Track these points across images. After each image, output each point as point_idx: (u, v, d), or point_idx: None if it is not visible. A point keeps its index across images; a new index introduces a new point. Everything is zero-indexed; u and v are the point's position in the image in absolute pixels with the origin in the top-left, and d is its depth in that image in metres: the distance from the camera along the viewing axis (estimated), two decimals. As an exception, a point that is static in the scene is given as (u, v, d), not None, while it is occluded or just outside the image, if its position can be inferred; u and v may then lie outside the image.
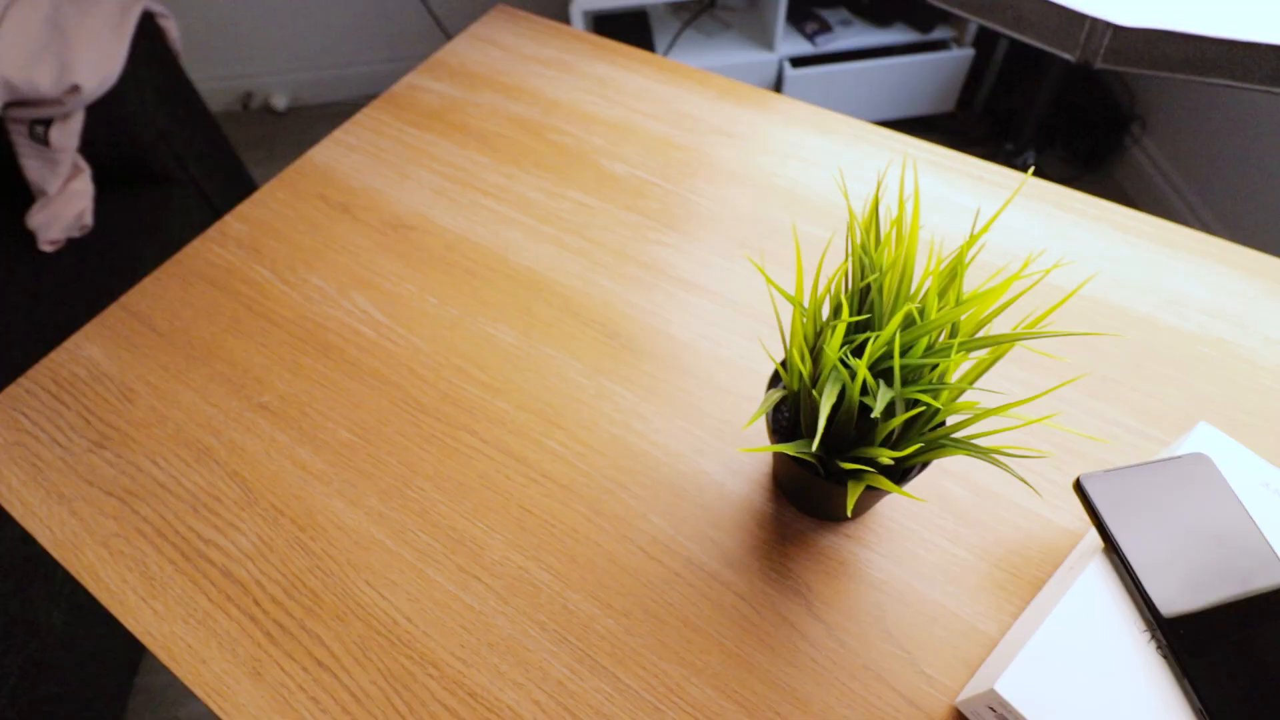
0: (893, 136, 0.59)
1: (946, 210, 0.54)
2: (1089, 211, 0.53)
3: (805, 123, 0.61)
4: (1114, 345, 0.46)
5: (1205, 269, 0.50)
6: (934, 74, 1.75)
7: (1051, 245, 0.52)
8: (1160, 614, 0.31)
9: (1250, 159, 1.43)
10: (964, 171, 0.56)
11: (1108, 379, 0.45)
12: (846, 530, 0.40)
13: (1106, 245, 0.51)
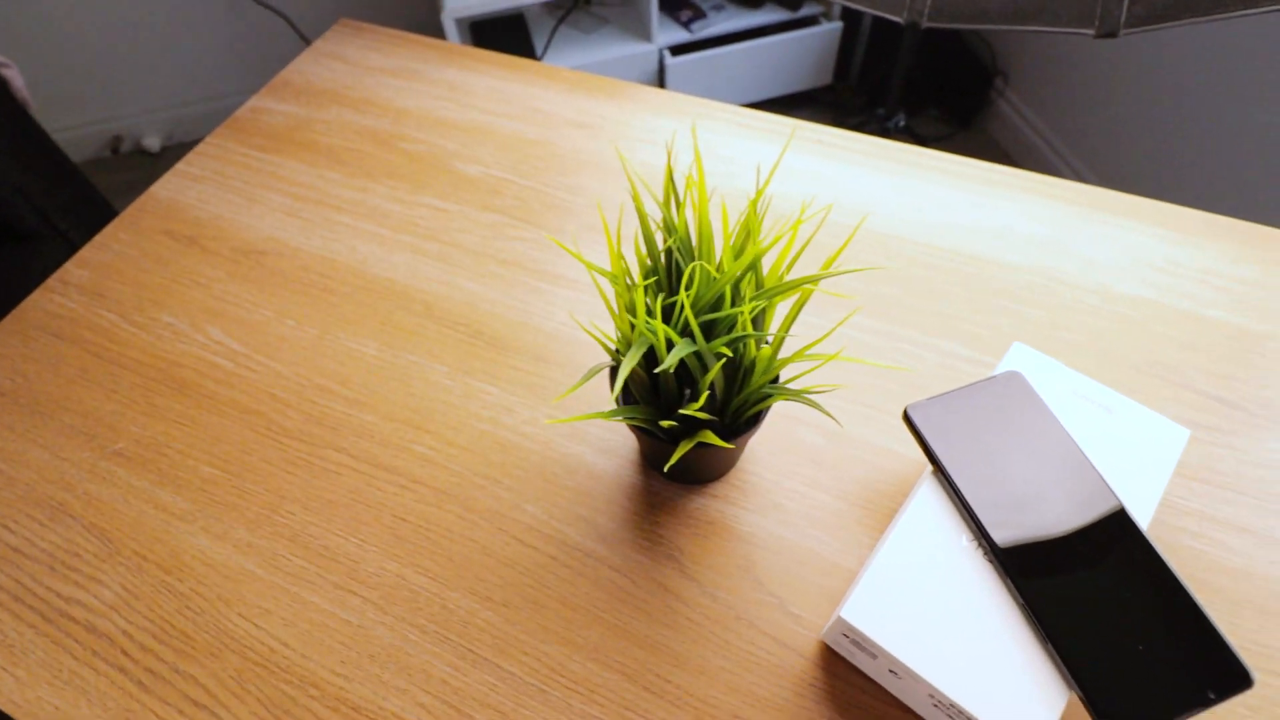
0: (738, 112, 0.61)
1: (788, 177, 0.56)
2: (921, 163, 0.56)
3: (652, 107, 0.62)
4: (950, 283, 0.49)
5: (1029, 204, 0.53)
6: (807, 49, 1.81)
7: (885, 198, 0.54)
8: (982, 523, 0.33)
9: (1109, 102, 1.54)
10: (808, 139, 0.59)
11: (944, 314, 0.48)
12: (713, 491, 0.42)
13: (938, 192, 0.54)
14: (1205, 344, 0.45)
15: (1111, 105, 1.51)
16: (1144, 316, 0.47)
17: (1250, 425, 0.42)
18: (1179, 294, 0.48)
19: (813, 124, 0.60)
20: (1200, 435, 0.42)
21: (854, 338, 0.47)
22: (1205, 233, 0.51)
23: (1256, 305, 0.47)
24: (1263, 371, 0.44)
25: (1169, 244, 0.50)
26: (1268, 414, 0.42)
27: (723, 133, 0.60)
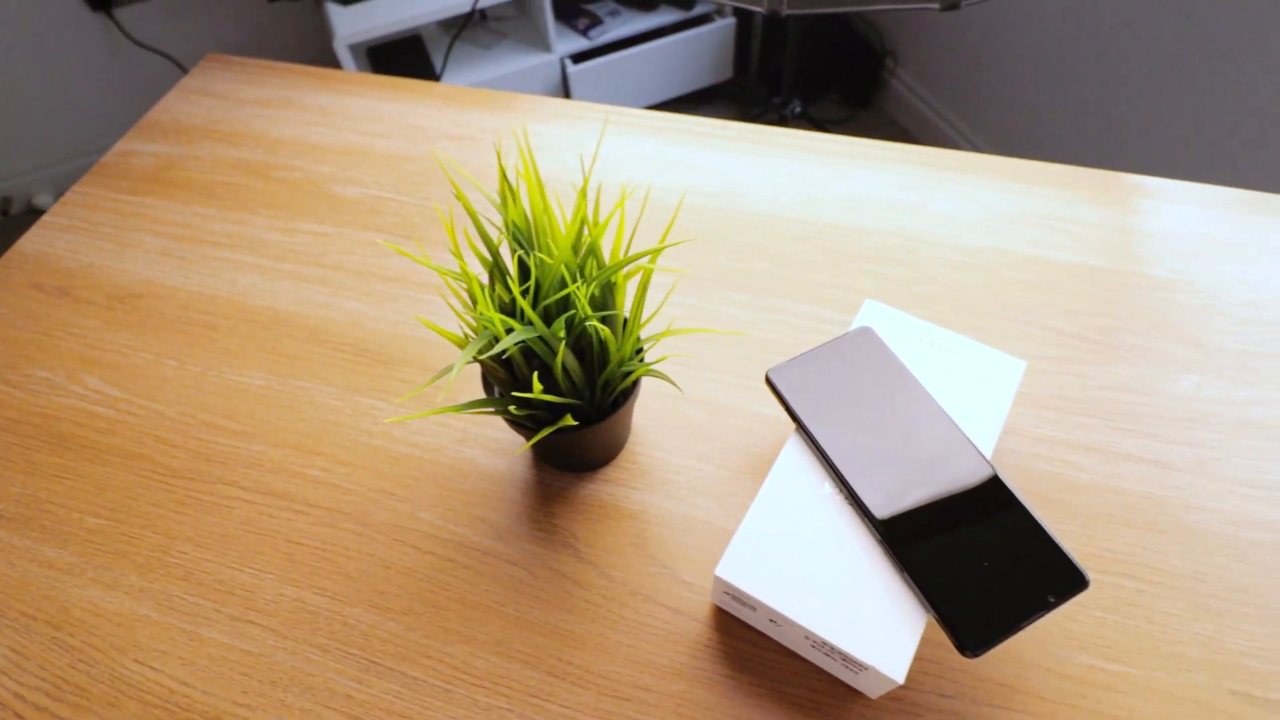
0: (615, 111, 0.63)
1: (664, 167, 0.58)
2: (785, 143, 0.59)
3: (531, 115, 0.63)
4: (815, 252, 0.52)
5: (886, 172, 0.56)
6: (704, 46, 1.85)
7: (754, 179, 0.57)
8: (840, 471, 0.35)
9: (992, 70, 1.61)
10: (680, 129, 0.61)
11: (811, 282, 0.50)
12: (604, 476, 0.43)
13: (802, 169, 0.57)
14: (1050, 284, 0.49)
15: (995, 73, 1.59)
16: (994, 264, 0.50)
17: (1094, 353, 0.46)
18: (1025, 240, 0.51)
19: (681, 115, 0.62)
20: (1049, 367, 0.45)
21: (727, 313, 0.49)
22: (1048, 182, 0.54)
23: (1094, 243, 0.51)
24: (1102, 303, 0.48)
25: (1014, 195, 0.54)
26: (1108, 341, 0.46)
27: (597, 133, 0.61)
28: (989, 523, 0.33)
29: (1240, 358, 0.45)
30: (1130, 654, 0.36)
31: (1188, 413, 0.43)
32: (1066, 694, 0.35)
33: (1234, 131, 1.17)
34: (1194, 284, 0.48)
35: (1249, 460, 0.41)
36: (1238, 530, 0.39)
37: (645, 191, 0.55)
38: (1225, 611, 0.37)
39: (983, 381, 0.39)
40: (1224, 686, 0.35)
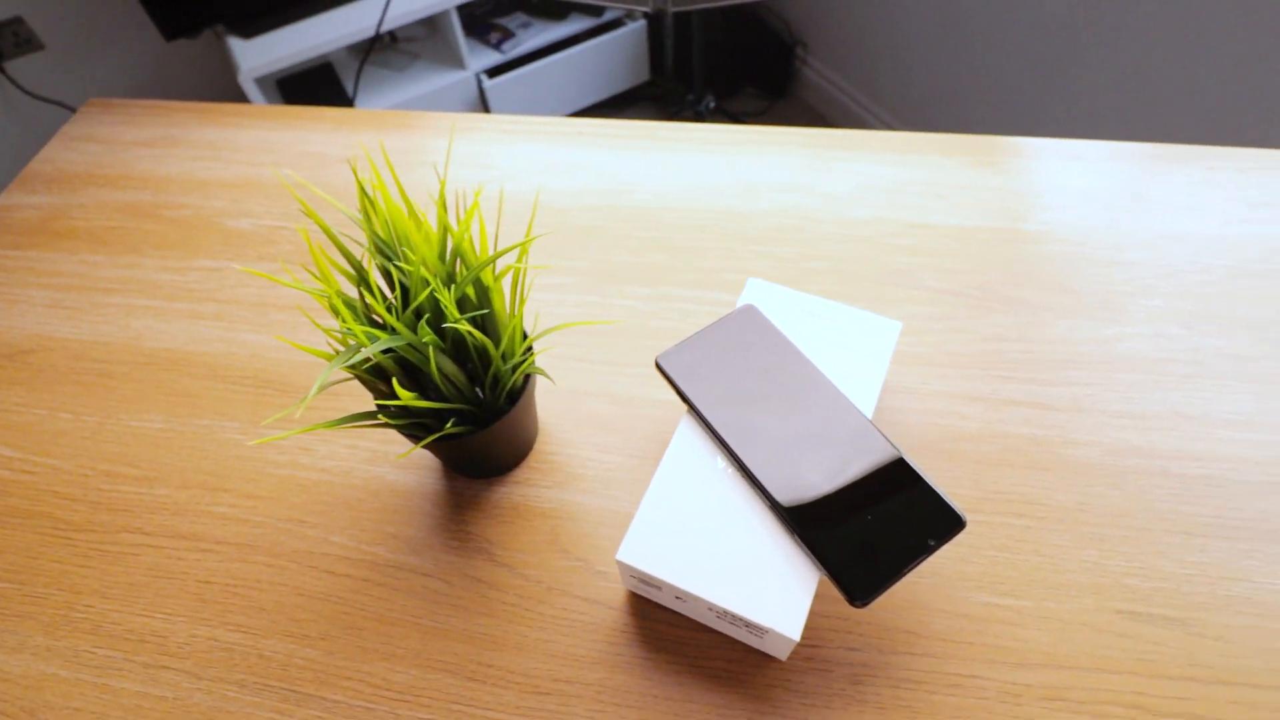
0: (509, 120, 0.63)
1: (560, 171, 0.59)
2: (678, 137, 0.60)
3: (419, 129, 0.63)
4: (710, 240, 0.53)
5: (773, 156, 0.58)
6: (618, 51, 1.87)
7: (649, 174, 0.58)
8: (729, 444, 0.36)
9: (897, 50, 1.66)
10: (571, 132, 0.62)
11: (706, 269, 0.51)
12: (515, 478, 0.43)
13: (694, 160, 0.58)
14: (930, 247, 0.51)
15: (898, 52, 1.64)
16: (877, 234, 0.52)
17: (973, 308, 0.48)
18: (905, 208, 0.53)
19: (575, 119, 0.62)
20: (933, 325, 0.47)
21: (627, 305, 0.50)
22: (925, 151, 0.57)
23: (968, 205, 0.53)
24: (978, 261, 0.50)
25: (894, 168, 0.56)
26: (985, 295, 0.48)
27: (493, 141, 0.62)
28: (871, 477, 0.35)
29: (1105, 298, 0.47)
30: (1022, 587, 0.38)
31: (1062, 355, 0.45)
32: (966, 633, 0.37)
33: (1119, 86, 1.24)
34: (1061, 234, 0.51)
35: (1120, 392, 0.44)
36: (1115, 459, 0.41)
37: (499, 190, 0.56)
38: (1107, 537, 0.39)
39: (862, 344, 0.40)
40: (1110, 607, 0.37)
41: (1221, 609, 0.37)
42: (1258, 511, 0.39)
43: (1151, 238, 0.50)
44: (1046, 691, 0.35)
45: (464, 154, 0.61)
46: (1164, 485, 0.40)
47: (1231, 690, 0.35)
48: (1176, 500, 0.40)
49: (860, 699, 0.35)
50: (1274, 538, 0.38)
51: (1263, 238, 0.50)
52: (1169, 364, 0.45)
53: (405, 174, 0.60)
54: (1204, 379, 0.44)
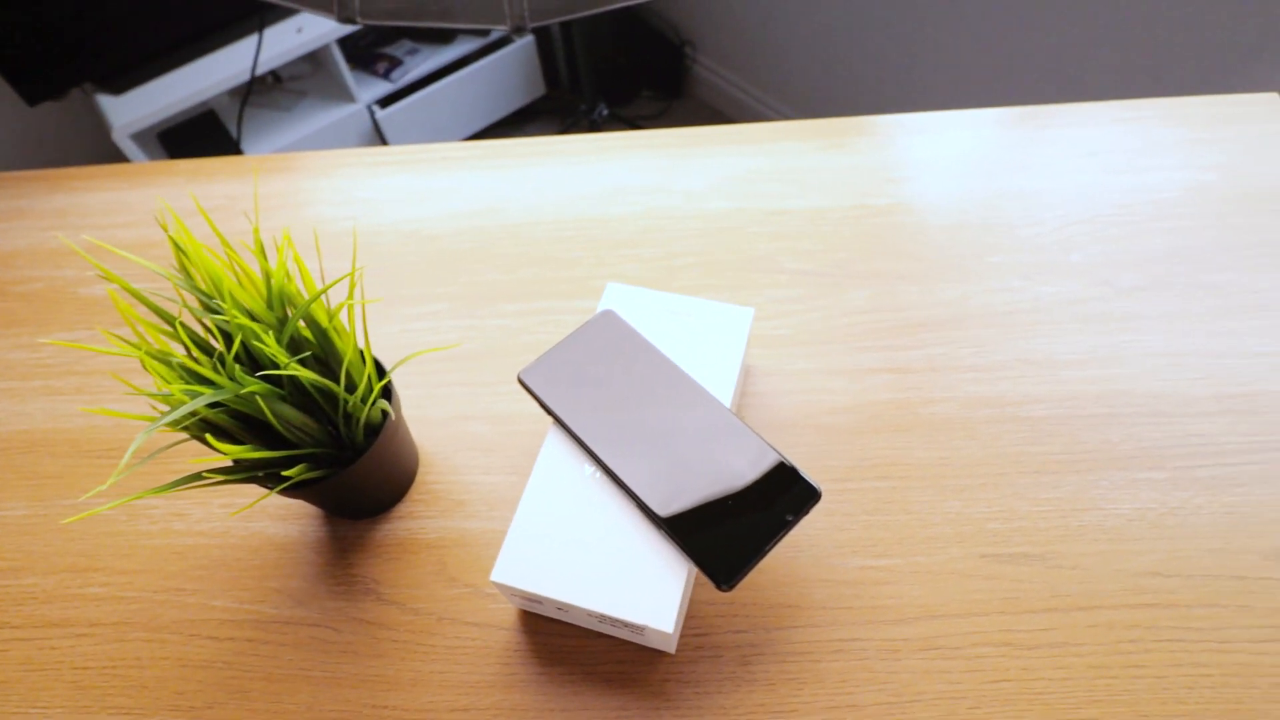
0: (368, 153, 0.62)
1: (428, 198, 0.58)
2: (541, 151, 0.61)
3: (278, 172, 0.62)
4: (580, 249, 0.54)
5: (635, 159, 0.59)
6: (510, 68, 1.87)
7: (514, 193, 0.58)
8: (594, 450, 0.36)
9: (780, 40, 1.71)
10: (434, 159, 0.61)
11: (576, 279, 0.52)
12: (398, 513, 0.43)
13: (559, 173, 0.59)
14: (787, 231, 0.53)
15: (782, 41, 1.68)
16: (738, 224, 0.53)
17: (832, 286, 0.50)
18: (762, 196, 0.55)
19: (441, 145, 0.62)
20: (795, 307, 0.49)
21: (499, 325, 0.50)
22: (779, 139, 0.59)
23: (821, 188, 0.55)
24: (833, 240, 0.52)
25: (751, 158, 0.58)
26: (843, 272, 0.50)
27: (360, 176, 0.61)
28: (730, 463, 0.36)
29: (952, 261, 0.50)
30: (894, 546, 0.39)
31: (916, 319, 0.47)
32: (844, 598, 0.38)
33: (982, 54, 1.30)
34: (907, 205, 0.53)
35: (970, 348, 0.46)
36: (969, 412, 0.43)
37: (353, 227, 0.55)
38: (967, 487, 0.41)
39: (718, 335, 0.41)
40: (975, 553, 0.39)
41: (1075, 539, 0.39)
42: (1101, 442, 0.42)
43: (989, 198, 0.53)
44: (923, 642, 0.36)
45: (330, 191, 0.60)
46: (1015, 430, 0.42)
47: (1090, 614, 0.37)
48: (1027, 443, 0.42)
49: (750, 679, 0.36)
50: (1116, 464, 0.41)
51: (1086, 186, 0.53)
52: (1012, 315, 0.47)
53: (270, 218, 0.59)
54: (1044, 325, 0.47)
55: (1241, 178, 0.53)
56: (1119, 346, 0.45)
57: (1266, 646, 0.36)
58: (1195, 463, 0.41)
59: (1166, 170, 0.54)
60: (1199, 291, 0.47)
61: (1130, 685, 0.35)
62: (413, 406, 0.47)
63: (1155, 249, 0.50)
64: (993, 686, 0.35)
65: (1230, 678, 0.35)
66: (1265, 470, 0.40)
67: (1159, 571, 0.38)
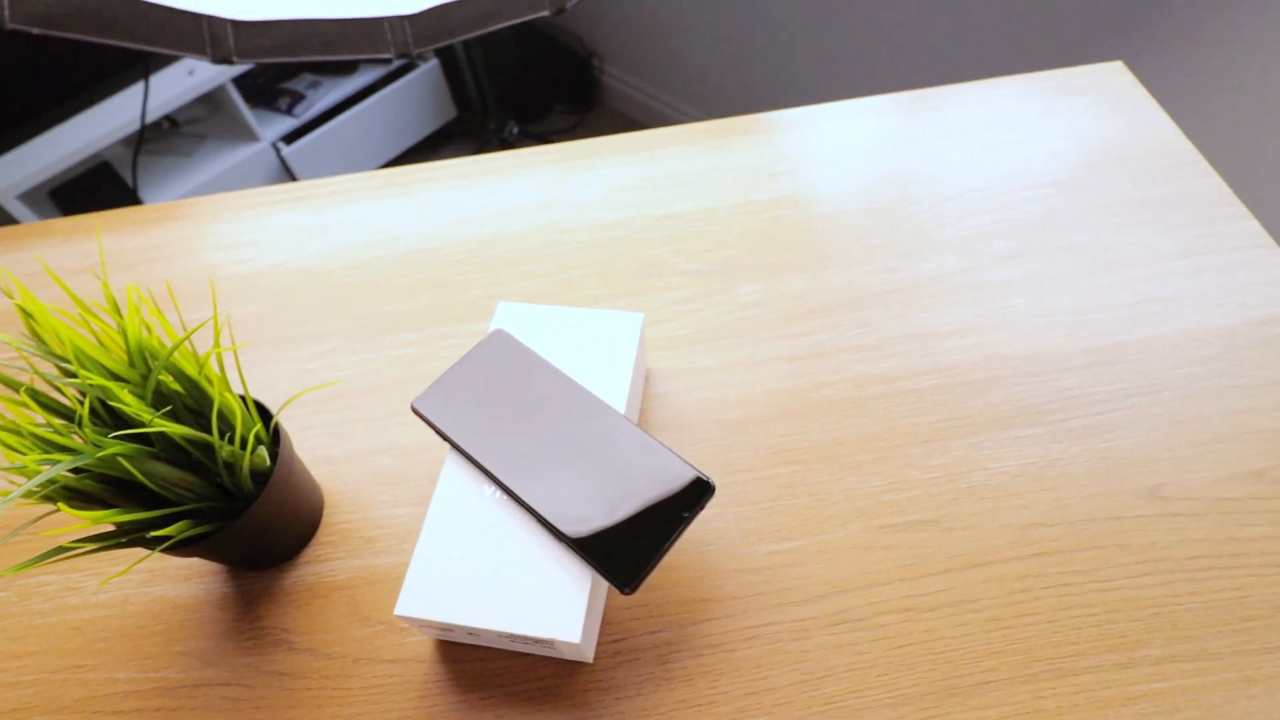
0: (251, 195, 0.61)
1: (308, 236, 0.58)
2: (429, 176, 0.60)
3: (162, 220, 0.60)
4: (474, 272, 0.53)
5: (524, 177, 0.59)
6: (418, 93, 1.85)
7: (399, 221, 0.58)
8: (493, 472, 0.37)
9: (682, 45, 1.74)
10: (322, 193, 0.60)
11: (472, 302, 0.52)
12: (306, 558, 0.42)
13: (450, 197, 0.59)
14: (678, 234, 0.54)
15: (684, 47, 1.71)
16: (630, 232, 0.54)
17: (722, 282, 0.51)
18: (652, 202, 0.56)
19: (320, 180, 0.61)
20: (689, 307, 0.50)
21: (397, 355, 0.50)
22: (667, 144, 0.60)
23: (708, 188, 0.56)
24: (722, 238, 0.53)
25: (639, 165, 0.59)
26: (732, 268, 0.51)
27: (249, 218, 0.59)
28: (625, 468, 0.36)
29: (834, 248, 0.52)
30: (797, 529, 0.40)
31: (805, 307, 0.49)
32: (754, 585, 0.39)
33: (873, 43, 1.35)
34: (789, 198, 0.55)
35: (857, 329, 0.48)
36: (860, 391, 0.45)
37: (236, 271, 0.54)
38: (861, 464, 0.42)
39: (609, 343, 0.42)
40: (874, 525, 0.40)
41: (965, 501, 0.41)
42: (983, 405, 0.44)
43: (866, 184, 0.55)
44: (830, 618, 0.38)
45: (219, 236, 0.58)
46: (903, 403, 0.44)
47: (984, 570, 0.39)
48: (915, 414, 0.44)
49: (668, 677, 0.37)
50: (998, 425, 0.43)
51: (955, 164, 0.56)
52: (895, 294, 0.49)
53: (161, 268, 0.57)
54: (925, 300, 0.49)
55: (1096, 143, 0.56)
56: (994, 313, 0.48)
57: (1144, 580, 0.38)
58: (1069, 415, 0.43)
59: (1027, 143, 0.57)
60: (1063, 253, 0.50)
61: (1024, 633, 0.37)
62: (315, 447, 0.46)
63: (1021, 217, 0.52)
64: (898, 652, 0.37)
65: (1113, 614, 0.37)
66: (1131, 415, 0.43)
67: (1042, 522, 0.40)
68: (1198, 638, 0.36)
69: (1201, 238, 0.50)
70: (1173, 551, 0.39)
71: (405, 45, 0.78)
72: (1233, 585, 0.38)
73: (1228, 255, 0.49)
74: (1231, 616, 0.37)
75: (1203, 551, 0.39)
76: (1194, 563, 0.38)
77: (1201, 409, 0.43)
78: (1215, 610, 0.37)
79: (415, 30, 0.80)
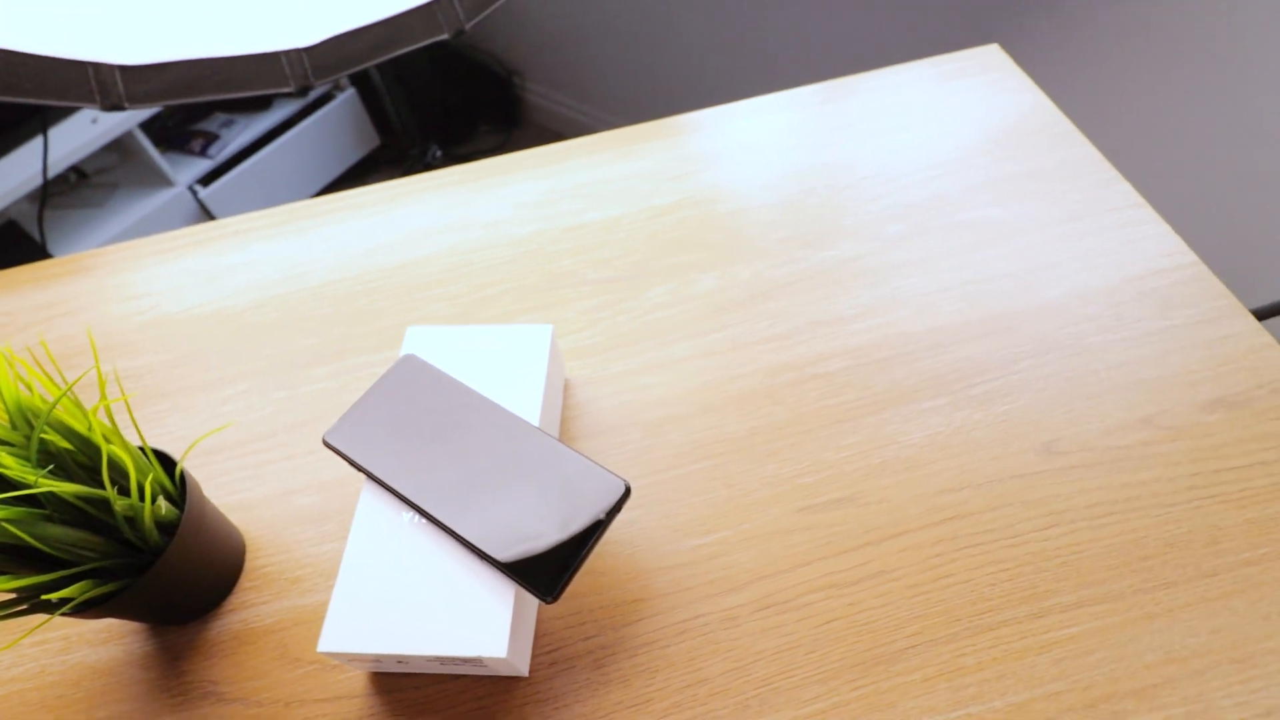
0: (154, 242, 0.60)
1: (213, 279, 0.56)
2: (331, 208, 0.60)
3: (66, 274, 0.58)
4: (385, 300, 0.53)
5: (429, 200, 0.59)
6: (337, 124, 1.82)
7: (308, 255, 0.57)
8: (410, 498, 0.36)
9: (597, 56, 1.75)
10: (226, 234, 0.59)
11: (386, 329, 0.51)
12: (230, 605, 0.41)
13: (356, 228, 0.58)
14: (586, 244, 0.54)
15: (600, 57, 1.73)
16: (539, 246, 0.55)
17: (632, 287, 0.52)
18: (559, 214, 0.57)
19: (224, 221, 0.60)
20: (603, 314, 0.50)
21: (314, 390, 0.49)
22: (570, 157, 0.60)
23: (613, 197, 0.57)
24: (630, 244, 0.54)
25: (545, 179, 0.59)
26: (639, 273, 0.52)
27: (153, 265, 0.58)
28: (540, 478, 0.37)
29: (739, 244, 0.53)
30: (720, 520, 0.41)
31: (715, 303, 0.50)
32: (682, 580, 0.40)
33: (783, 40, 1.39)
34: (691, 200, 0.56)
35: (766, 321, 0.49)
36: (771, 379, 0.46)
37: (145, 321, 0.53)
38: (778, 450, 0.44)
39: (521, 357, 0.42)
40: (793, 509, 0.41)
41: (878, 476, 0.42)
42: (889, 383, 0.46)
43: (767, 180, 0.57)
44: (757, 604, 0.39)
45: (123, 286, 0.57)
46: (814, 388, 0.46)
47: (900, 540, 0.40)
48: (826, 397, 0.45)
49: (605, 680, 0.37)
50: (904, 400, 0.45)
51: (848, 154, 0.58)
52: (800, 283, 0.51)
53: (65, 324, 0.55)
54: (828, 286, 0.50)
55: (977, 123, 0.59)
56: (894, 293, 0.50)
57: (1049, 532, 0.40)
58: (969, 383, 0.45)
59: (915, 128, 0.59)
60: (954, 230, 0.53)
61: (942, 595, 0.38)
62: (233, 492, 0.45)
63: (914, 200, 0.55)
64: (824, 628, 0.38)
65: (1023, 567, 0.39)
66: (1025, 377, 0.45)
67: (951, 488, 0.42)
68: (1101, 581, 0.38)
69: (1080, 203, 0.53)
70: (1073, 502, 0.41)
71: (305, 78, 0.77)
72: (1129, 528, 0.40)
73: (1105, 217, 0.52)
74: (1130, 557, 0.39)
75: (1100, 499, 0.41)
76: (1093, 510, 0.40)
77: (1090, 364, 0.46)
78: (1115, 553, 0.39)
79: (314, 62, 0.79)
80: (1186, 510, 0.40)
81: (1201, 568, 0.38)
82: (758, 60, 1.44)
